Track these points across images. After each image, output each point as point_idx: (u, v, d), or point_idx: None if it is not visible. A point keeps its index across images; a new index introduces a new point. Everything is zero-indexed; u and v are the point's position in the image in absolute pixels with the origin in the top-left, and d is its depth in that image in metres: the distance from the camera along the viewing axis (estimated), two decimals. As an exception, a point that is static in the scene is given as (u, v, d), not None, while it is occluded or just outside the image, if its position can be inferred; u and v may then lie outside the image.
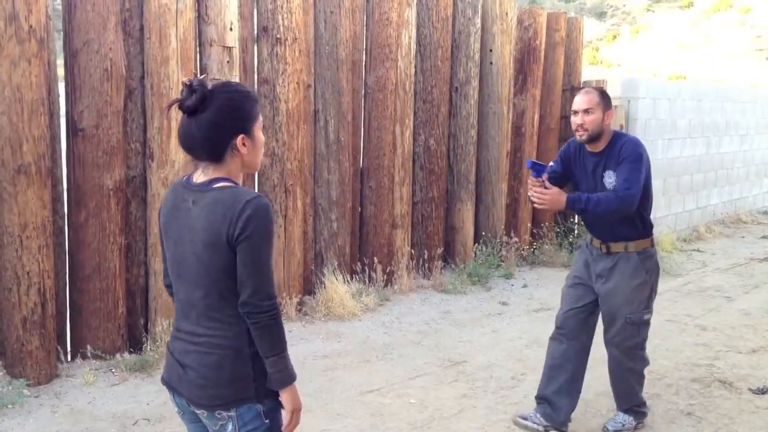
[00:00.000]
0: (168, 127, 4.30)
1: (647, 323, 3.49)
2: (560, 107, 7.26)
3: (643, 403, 3.68)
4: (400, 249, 5.91)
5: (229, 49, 4.58)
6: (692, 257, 7.65)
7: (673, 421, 3.73)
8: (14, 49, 3.64)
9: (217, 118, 1.85)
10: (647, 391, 4.05)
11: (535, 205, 3.29)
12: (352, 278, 5.55)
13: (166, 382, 1.98)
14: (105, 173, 4.11)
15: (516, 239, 6.76)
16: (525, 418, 3.56)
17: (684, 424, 3.70)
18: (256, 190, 5.09)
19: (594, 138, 3.35)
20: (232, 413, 1.88)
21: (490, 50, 6.45)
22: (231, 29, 4.57)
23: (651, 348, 4.74)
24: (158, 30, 4.22)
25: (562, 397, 3.53)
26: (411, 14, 5.75)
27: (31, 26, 3.67)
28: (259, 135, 1.95)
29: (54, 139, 4.01)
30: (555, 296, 5.95)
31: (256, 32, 5.01)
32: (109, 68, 4.06)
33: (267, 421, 1.91)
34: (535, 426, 3.52)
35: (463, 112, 6.35)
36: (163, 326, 4.29)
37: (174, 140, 4.33)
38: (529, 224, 7.01)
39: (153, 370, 4.11)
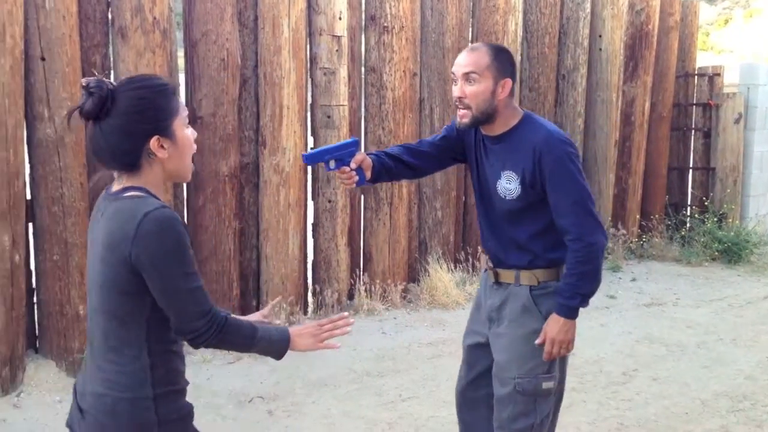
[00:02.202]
0: (279, 114, 4.40)
1: (547, 395, 2.34)
2: (673, 95, 6.98)
3: None
4: (504, 239, 5.82)
5: (338, 38, 4.64)
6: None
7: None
8: (140, 40, 3.80)
9: (123, 121, 1.57)
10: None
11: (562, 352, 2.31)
12: (455, 267, 5.53)
13: (69, 426, 1.69)
14: (221, 160, 4.24)
15: (624, 231, 6.55)
16: None
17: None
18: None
19: (480, 121, 2.29)
20: None
21: (600, 36, 6.26)
22: (340, 18, 4.62)
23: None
24: (272, 20, 4.32)
25: None
26: (518, 0, 5.65)
27: (155, 18, 3.83)
28: (183, 133, 1.62)
29: (175, 126, 4.17)
30: (666, 291, 5.78)
31: (363, 21, 5.04)
32: (225, 58, 4.18)
33: None
34: None
35: (570, 101, 6.20)
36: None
37: (285, 128, 4.43)
38: (637, 216, 6.78)
39: (264, 352, 4.23)
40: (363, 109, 5.11)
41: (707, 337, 4.74)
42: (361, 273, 5.08)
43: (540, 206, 2.30)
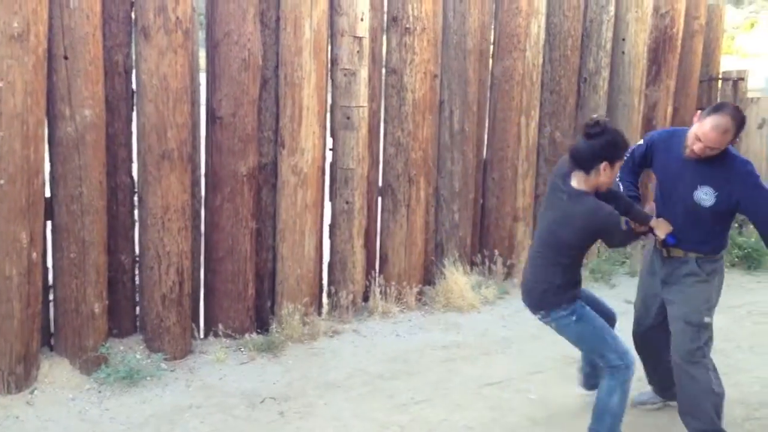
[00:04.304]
0: (299, 115, 4.40)
1: (707, 327, 3.24)
2: (696, 99, 6.90)
3: None
4: (521, 242, 5.82)
5: (360, 39, 4.63)
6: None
7: None
8: (162, 39, 3.83)
9: (599, 146, 2.94)
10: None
11: None
12: (471, 270, 5.52)
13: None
14: (240, 160, 4.26)
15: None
16: (643, 403, 3.76)
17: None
18: (381, 179, 5.14)
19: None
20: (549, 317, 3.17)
21: (623, 39, 6.21)
22: (362, 20, 4.62)
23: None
24: (294, 21, 4.33)
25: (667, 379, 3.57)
26: (541, 3, 5.62)
27: (177, 18, 3.85)
28: (616, 169, 2.98)
29: (194, 126, 4.20)
30: (684, 298, 5.71)
31: (385, 22, 5.04)
32: (246, 58, 4.20)
33: (574, 318, 3.12)
34: (654, 403, 3.75)
35: (591, 104, 6.15)
36: (288, 309, 4.42)
37: (304, 129, 4.43)
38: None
39: (278, 351, 4.25)
40: (383, 111, 5.10)
41: (725, 344, 4.68)
42: (377, 275, 5.09)
43: (719, 218, 3.21)
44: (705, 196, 3.13)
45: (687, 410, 3.31)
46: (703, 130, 3.05)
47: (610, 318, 3.44)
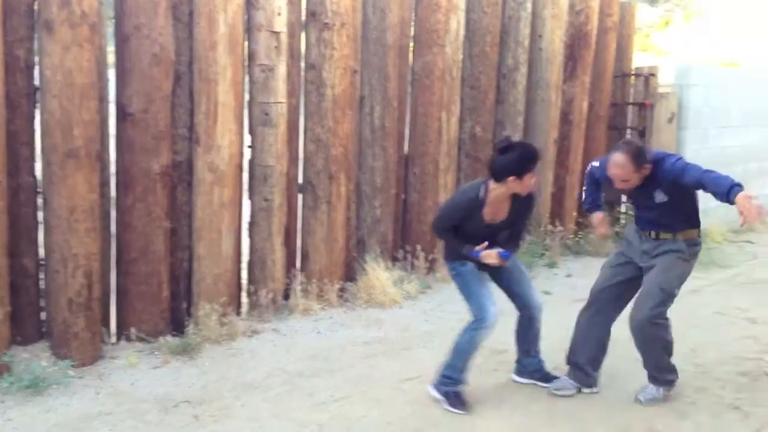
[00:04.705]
0: (215, 112, 4.31)
1: (672, 298, 3.65)
2: (610, 95, 7.10)
3: (672, 370, 3.81)
4: (443, 237, 5.86)
5: (277, 34, 4.57)
6: (743, 249, 7.41)
7: (719, 416, 3.65)
8: (66, 33, 3.68)
9: (507, 163, 3.35)
10: (693, 384, 4.00)
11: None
12: (393, 265, 5.53)
13: None
14: (152, 158, 4.14)
15: (561, 228, 6.65)
16: (558, 389, 3.89)
17: (731, 418, 3.62)
18: (301, 176, 5.10)
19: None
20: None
21: (540, 35, 6.33)
22: (279, 14, 4.55)
23: (698, 341, 4.67)
24: (208, 15, 4.23)
25: (590, 364, 3.91)
26: (460, -1, 5.67)
27: (83, 11, 3.71)
28: (528, 181, 3.38)
29: (103, 123, 4.07)
30: (600, 288, 5.87)
31: (304, 17, 4.98)
32: (158, 53, 4.08)
33: (454, 273, 3.69)
34: (569, 389, 3.89)
35: (510, 99, 6.25)
36: (205, 310, 4.34)
37: (220, 125, 4.34)
38: (574, 213, 6.89)
39: (195, 354, 4.17)
40: (302, 107, 5.05)
41: (637, 334, 4.84)
42: (298, 272, 5.04)
43: (679, 202, 3.58)
44: (661, 196, 3.56)
45: (647, 355, 3.75)
46: (610, 172, 3.54)
47: (527, 305, 3.83)
